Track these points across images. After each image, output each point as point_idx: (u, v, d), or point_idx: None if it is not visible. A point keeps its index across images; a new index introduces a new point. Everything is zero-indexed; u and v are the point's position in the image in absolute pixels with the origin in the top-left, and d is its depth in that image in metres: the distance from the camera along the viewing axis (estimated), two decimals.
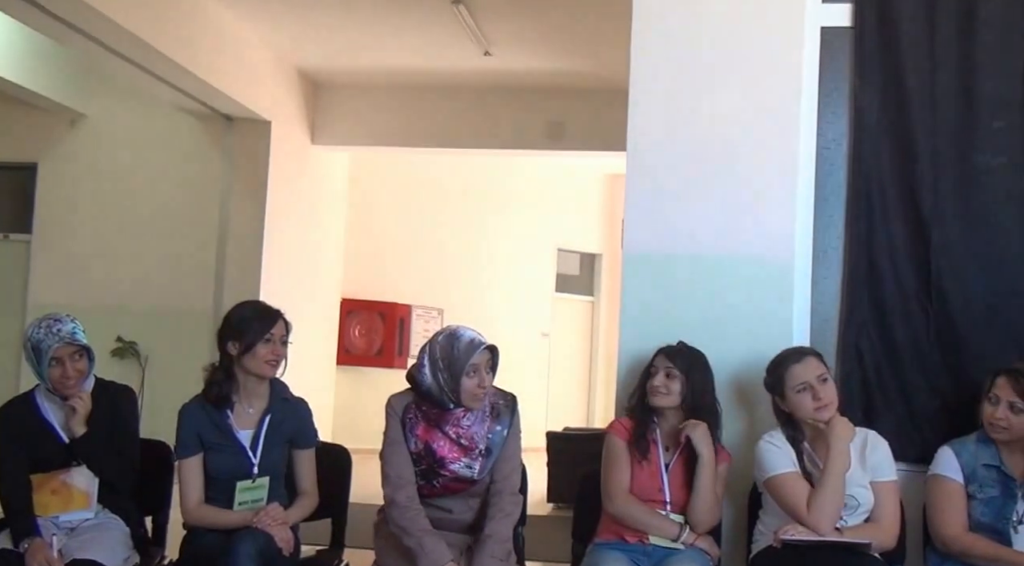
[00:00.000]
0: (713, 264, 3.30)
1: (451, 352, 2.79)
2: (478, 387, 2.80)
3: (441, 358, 2.79)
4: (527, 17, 6.47)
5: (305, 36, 7.15)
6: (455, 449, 2.82)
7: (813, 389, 2.85)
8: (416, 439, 2.83)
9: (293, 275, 7.91)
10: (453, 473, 2.82)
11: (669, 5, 3.39)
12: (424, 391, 2.82)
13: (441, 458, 2.81)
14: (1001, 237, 3.18)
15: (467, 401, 2.81)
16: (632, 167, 3.37)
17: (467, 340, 2.80)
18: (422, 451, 2.82)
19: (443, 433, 2.83)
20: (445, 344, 2.82)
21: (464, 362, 2.76)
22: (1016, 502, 2.81)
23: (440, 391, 2.79)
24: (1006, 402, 2.80)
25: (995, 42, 3.22)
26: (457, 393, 2.79)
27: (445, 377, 2.78)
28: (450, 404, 2.80)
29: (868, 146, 3.30)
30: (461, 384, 2.78)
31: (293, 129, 7.98)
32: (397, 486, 2.81)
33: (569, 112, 7.93)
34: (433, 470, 2.82)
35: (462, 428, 2.84)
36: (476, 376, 2.79)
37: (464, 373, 2.77)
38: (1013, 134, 3.20)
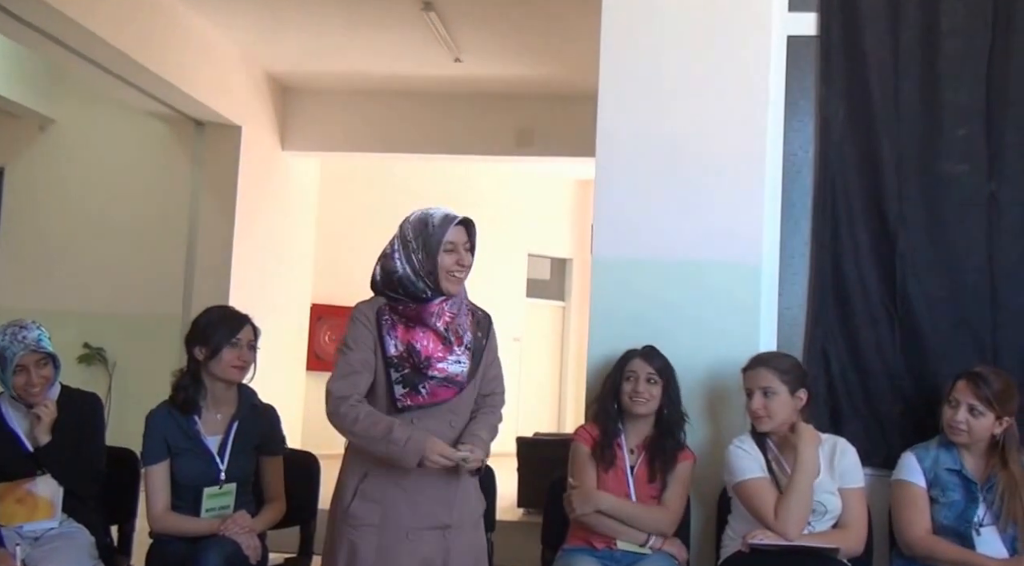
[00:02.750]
0: (681, 269, 3.32)
1: (425, 229, 2.50)
2: (457, 264, 2.50)
3: (414, 238, 2.50)
4: (497, 24, 6.49)
5: (276, 41, 7.12)
6: (440, 345, 2.50)
7: (752, 397, 2.91)
8: (396, 341, 2.48)
9: (263, 280, 7.86)
10: (442, 372, 2.49)
11: (637, 14, 3.42)
12: (397, 279, 2.49)
13: (427, 357, 2.47)
14: (964, 243, 3.22)
15: (445, 283, 2.49)
16: (601, 173, 3.39)
17: (441, 215, 2.52)
18: (403, 353, 2.47)
19: (427, 328, 2.50)
20: (417, 222, 2.52)
21: (440, 237, 2.48)
22: (978, 505, 2.85)
23: (416, 276, 2.47)
24: (966, 405, 2.84)
25: (957, 52, 3.27)
26: (434, 275, 2.47)
27: (420, 258, 2.48)
28: (427, 290, 2.48)
29: (834, 153, 3.33)
30: (438, 262, 2.47)
31: (263, 134, 7.95)
32: (346, 380, 2.45)
33: (539, 118, 7.95)
34: (419, 371, 2.47)
35: (447, 317, 2.53)
36: (455, 253, 2.50)
37: (441, 249, 2.47)
38: (976, 142, 3.24)
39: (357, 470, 2.49)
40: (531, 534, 3.56)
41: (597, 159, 3.40)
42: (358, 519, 2.45)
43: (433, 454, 2.36)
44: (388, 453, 2.37)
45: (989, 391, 2.82)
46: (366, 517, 2.44)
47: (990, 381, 2.83)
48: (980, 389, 2.83)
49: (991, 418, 2.83)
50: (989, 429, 2.85)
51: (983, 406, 2.82)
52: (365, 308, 2.55)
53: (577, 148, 6.63)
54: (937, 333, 3.19)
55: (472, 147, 8.26)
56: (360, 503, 2.46)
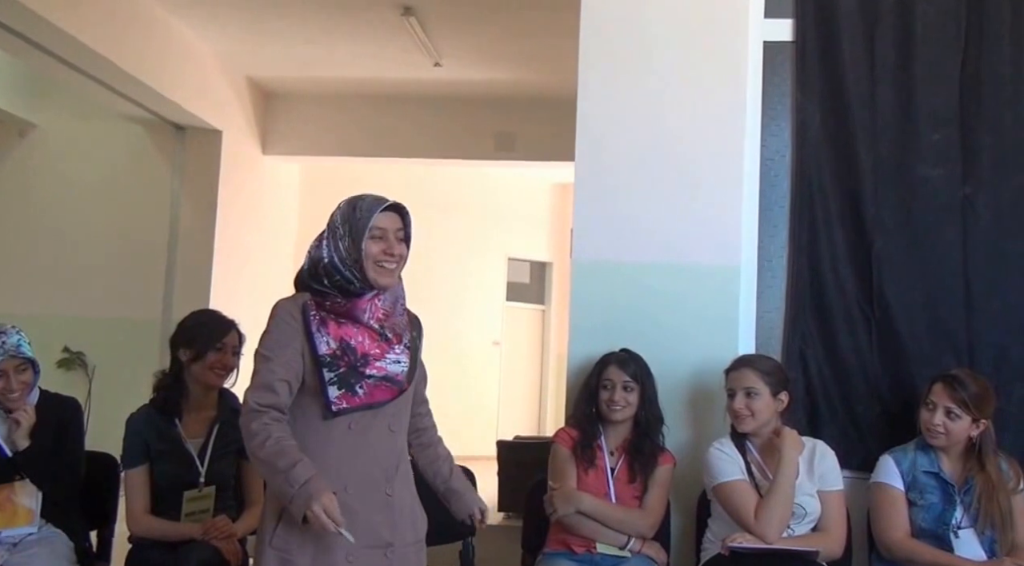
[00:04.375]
0: (661, 272, 3.34)
1: (352, 214, 2.27)
2: (384, 253, 2.25)
3: (342, 224, 2.28)
4: (477, 29, 6.50)
5: (256, 46, 7.10)
6: (377, 342, 2.26)
7: (734, 398, 2.93)
8: (327, 338, 2.23)
9: (243, 285, 7.82)
10: (381, 370, 2.25)
11: (616, 19, 3.44)
12: (323, 268, 2.26)
13: (364, 355, 2.24)
14: (940, 246, 3.25)
15: (372, 273, 2.24)
16: (581, 177, 3.41)
17: (371, 199, 2.30)
18: (337, 351, 2.22)
19: (361, 325, 2.26)
20: (346, 207, 2.31)
21: (366, 222, 2.25)
22: (955, 508, 2.87)
23: (343, 264, 2.24)
24: (943, 408, 2.87)
25: (932, 57, 3.30)
26: (360, 263, 2.23)
27: (346, 244, 2.25)
28: (355, 281, 2.25)
29: (811, 157, 3.36)
30: (364, 249, 2.23)
31: (244, 139, 7.92)
32: (266, 390, 2.17)
33: (518, 122, 7.97)
34: (355, 370, 2.22)
35: (381, 314, 2.30)
36: (383, 240, 2.26)
37: (367, 235, 2.24)
38: (951, 146, 3.28)
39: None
40: (511, 538, 3.57)
41: (576, 163, 3.41)
42: (289, 543, 2.17)
43: (319, 508, 2.02)
44: (281, 491, 2.08)
45: (966, 394, 2.84)
46: (298, 540, 2.16)
47: (966, 384, 2.86)
48: (956, 392, 2.85)
49: (968, 421, 2.86)
50: (966, 431, 2.87)
51: (960, 409, 2.85)
52: (287, 305, 2.29)
53: (557, 152, 6.66)
54: (913, 336, 3.22)
55: (452, 151, 8.26)
56: (288, 526, 2.16)
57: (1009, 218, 3.23)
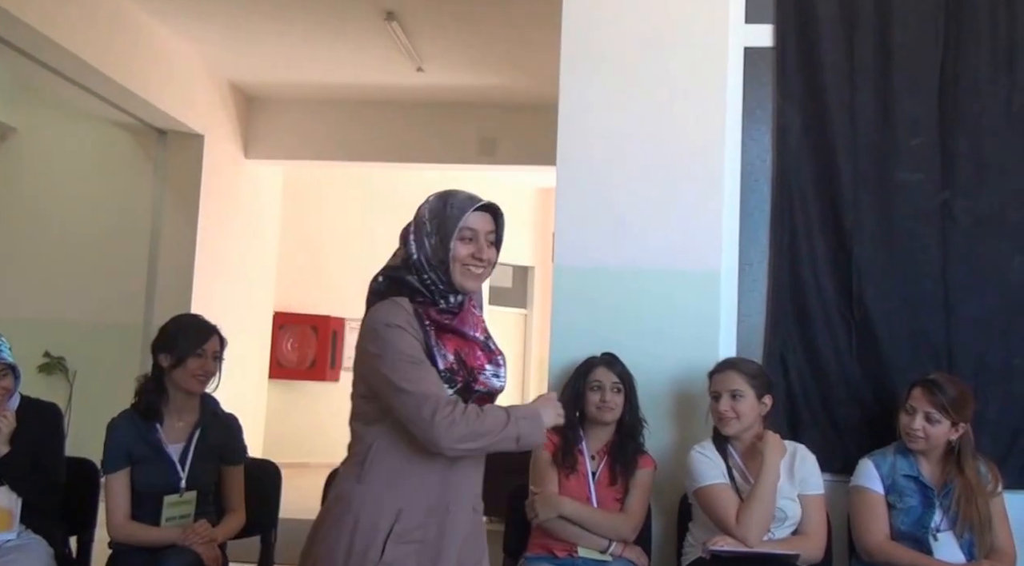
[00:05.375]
0: (642, 277, 3.35)
1: (442, 211, 2.11)
2: (473, 257, 2.09)
3: (430, 220, 2.11)
4: (459, 34, 6.51)
5: (238, 50, 7.09)
6: (482, 354, 2.13)
7: (719, 400, 2.94)
8: (445, 351, 2.06)
9: (225, 289, 7.80)
10: (485, 385, 2.11)
11: (597, 25, 3.45)
12: (414, 263, 2.09)
13: (472, 368, 2.09)
14: (919, 251, 3.27)
15: (459, 277, 2.08)
16: (562, 182, 3.41)
17: (464, 196, 2.14)
18: (454, 365, 2.06)
19: (468, 337, 2.12)
20: (436, 202, 2.14)
21: (457, 221, 2.08)
22: (934, 511, 2.89)
23: (428, 264, 2.08)
24: (922, 413, 2.88)
25: (910, 63, 3.33)
26: (446, 265, 2.07)
27: (433, 243, 2.09)
28: (439, 283, 2.08)
29: (791, 162, 3.37)
30: (452, 250, 2.06)
31: (226, 143, 7.89)
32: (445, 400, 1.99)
33: (500, 127, 7.98)
34: (468, 386, 2.07)
35: (483, 323, 2.18)
36: (473, 243, 2.10)
37: (455, 236, 2.07)
38: (930, 152, 3.30)
39: (388, 507, 2.03)
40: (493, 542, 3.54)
41: (558, 168, 3.42)
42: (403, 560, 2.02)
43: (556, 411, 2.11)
44: (519, 433, 2.02)
45: (945, 398, 2.86)
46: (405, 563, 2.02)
47: (945, 388, 2.88)
48: (936, 396, 2.87)
49: (947, 425, 2.88)
50: (945, 435, 2.89)
51: (939, 413, 2.86)
52: (399, 311, 2.05)
53: (538, 157, 6.67)
54: (893, 340, 3.24)
55: (434, 156, 8.27)
56: (396, 547, 2.01)
57: (987, 223, 3.25)
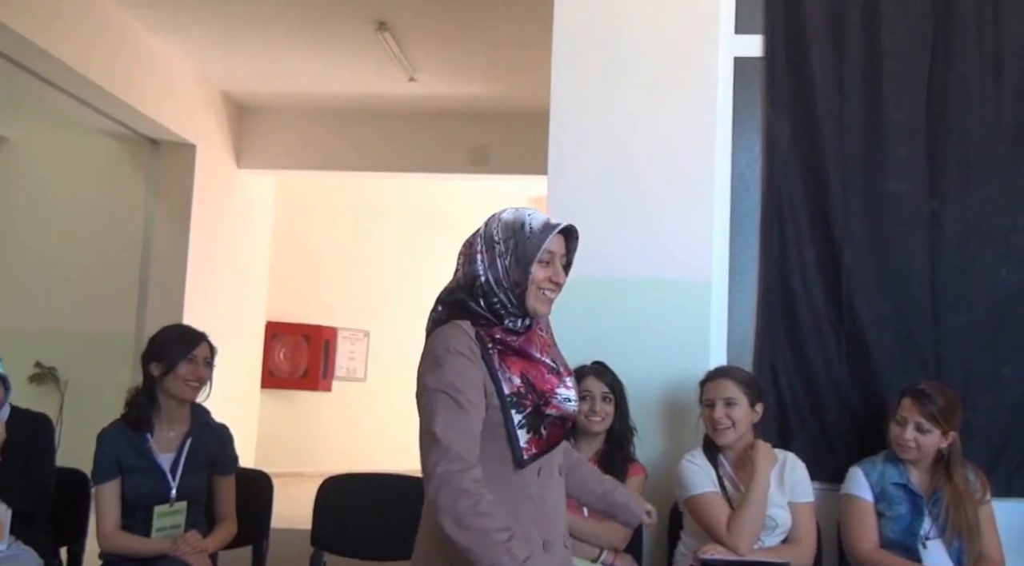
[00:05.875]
0: (633, 286, 3.36)
1: (520, 231, 2.02)
2: (550, 280, 2.03)
3: (503, 239, 2.02)
4: (451, 44, 6.53)
5: (230, 60, 7.10)
6: (551, 377, 2.04)
7: (713, 408, 2.94)
8: (511, 374, 1.97)
9: (217, 299, 7.79)
10: (558, 409, 2.02)
11: (589, 34, 3.46)
12: (480, 287, 2.00)
13: (543, 391, 2.00)
14: (907, 260, 3.29)
15: (533, 300, 2.01)
16: (553, 191, 3.42)
17: (542, 219, 2.05)
18: (521, 388, 1.97)
19: (534, 359, 2.03)
20: (512, 222, 2.05)
21: (539, 244, 1.99)
22: (923, 519, 2.90)
23: (498, 285, 1.99)
24: (913, 423, 2.89)
25: (899, 73, 3.35)
26: (523, 289, 1.99)
27: (508, 263, 2.00)
28: (509, 306, 2.00)
29: (781, 171, 3.39)
30: (531, 274, 1.99)
31: (218, 153, 7.89)
32: (464, 462, 1.85)
33: (492, 136, 7.99)
34: (538, 410, 1.98)
35: (549, 345, 2.10)
36: (551, 266, 2.03)
37: (537, 259, 1.99)
38: (917, 161, 3.32)
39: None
40: None
41: (549, 177, 3.43)
42: None
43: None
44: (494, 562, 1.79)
45: (935, 408, 2.87)
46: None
47: (935, 398, 2.89)
48: (926, 406, 2.88)
49: (938, 434, 2.89)
50: (936, 444, 2.91)
51: (930, 423, 2.88)
52: (460, 336, 1.97)
53: (531, 166, 6.67)
54: (882, 348, 3.25)
55: (427, 165, 8.28)
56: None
57: (975, 232, 3.27)
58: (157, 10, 6.16)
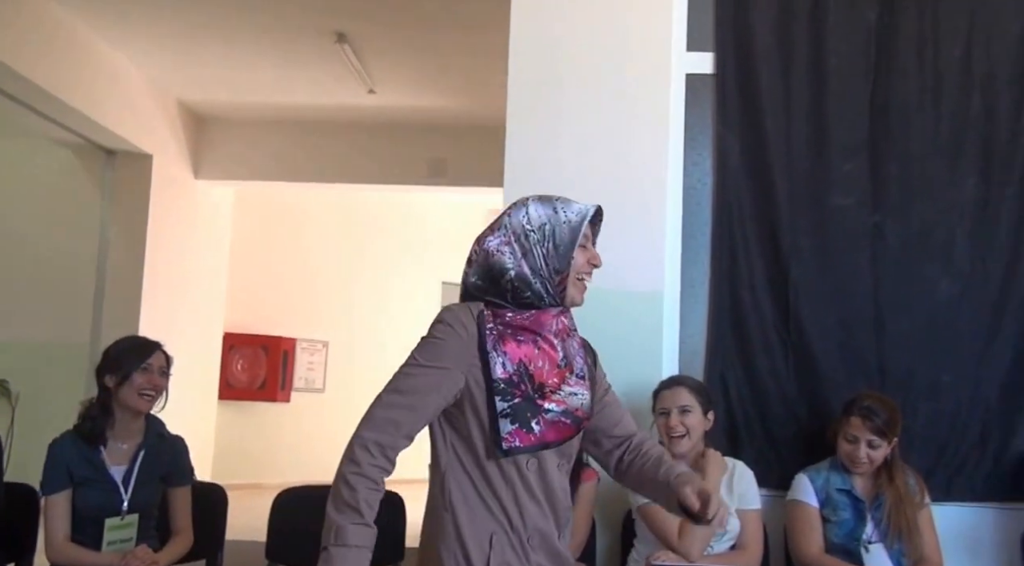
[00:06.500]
0: (587, 295, 3.39)
1: (554, 216, 1.94)
2: (589, 263, 1.97)
3: (537, 227, 1.93)
4: (410, 57, 6.56)
5: (187, 70, 7.07)
6: (556, 370, 1.94)
7: (669, 416, 2.99)
8: (505, 359, 1.89)
9: (174, 309, 7.73)
10: (560, 404, 1.92)
11: (544, 48, 3.51)
12: (508, 282, 1.91)
13: (541, 384, 1.91)
14: (851, 272, 3.36)
15: (572, 288, 1.95)
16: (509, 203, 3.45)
17: (573, 203, 1.98)
18: (513, 376, 1.89)
19: (542, 347, 1.93)
20: (542, 209, 1.96)
21: (578, 228, 1.92)
22: (866, 524, 2.97)
23: (534, 275, 1.91)
24: (864, 441, 2.96)
25: (843, 92, 3.44)
26: (564, 276, 1.91)
27: (545, 251, 1.91)
28: (545, 296, 1.92)
29: (731, 186, 3.45)
30: (572, 261, 1.91)
31: (175, 162, 7.84)
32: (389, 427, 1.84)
33: (451, 149, 8.03)
34: (532, 402, 1.89)
35: (565, 334, 1.98)
36: (587, 251, 1.98)
37: (576, 244, 1.92)
38: (861, 176, 3.40)
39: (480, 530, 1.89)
40: None
41: (505, 189, 3.45)
42: None
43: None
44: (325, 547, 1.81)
45: (881, 422, 2.94)
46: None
47: (879, 412, 2.95)
48: (874, 422, 2.94)
49: (886, 446, 2.97)
50: (885, 455, 2.99)
51: (879, 438, 2.95)
52: (459, 312, 1.92)
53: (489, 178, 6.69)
54: (827, 358, 3.32)
55: (385, 177, 8.29)
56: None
57: (915, 245, 3.36)
58: (112, 19, 6.12)
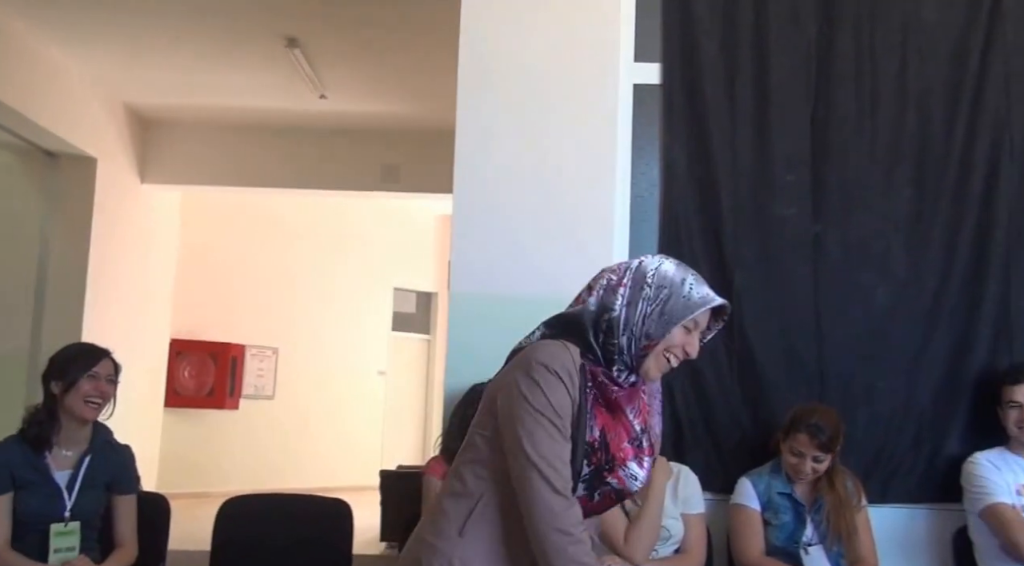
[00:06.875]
0: (536, 303, 3.35)
1: (680, 287, 1.83)
2: (683, 350, 1.85)
3: (658, 286, 1.83)
4: (362, 62, 6.56)
5: (134, 72, 6.98)
6: (629, 446, 1.86)
7: None
8: (594, 423, 1.80)
9: (119, 316, 7.62)
10: (622, 482, 1.84)
11: (495, 55, 3.53)
12: (607, 322, 1.82)
13: (613, 456, 1.83)
14: (794, 281, 3.42)
15: (652, 364, 1.84)
16: (458, 210, 3.47)
17: (703, 286, 1.86)
18: (596, 442, 1.80)
19: (624, 420, 1.86)
20: (673, 272, 1.85)
21: (696, 307, 1.82)
22: (806, 526, 3.05)
23: (625, 328, 1.81)
24: (810, 456, 3.02)
25: (785, 103, 3.50)
26: (651, 344, 1.82)
27: (648, 311, 1.81)
28: (623, 355, 1.82)
29: (677, 196, 3.49)
30: (669, 335, 1.82)
31: (121, 167, 7.74)
32: (564, 477, 1.74)
33: (403, 155, 8.04)
34: (600, 476, 1.81)
35: (645, 411, 1.91)
36: (691, 337, 1.85)
37: (683, 322, 1.82)
38: (802, 187, 3.46)
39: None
40: None
41: (455, 196, 3.48)
42: None
43: None
44: None
45: (826, 438, 3.00)
46: None
47: (825, 429, 3.01)
48: (820, 439, 3.00)
49: (829, 458, 3.04)
50: (827, 466, 3.06)
51: (824, 453, 3.02)
52: (566, 357, 1.80)
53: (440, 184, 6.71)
54: (770, 364, 3.38)
55: (337, 183, 8.28)
56: None
57: (855, 254, 3.43)
58: (55, 20, 6.04)
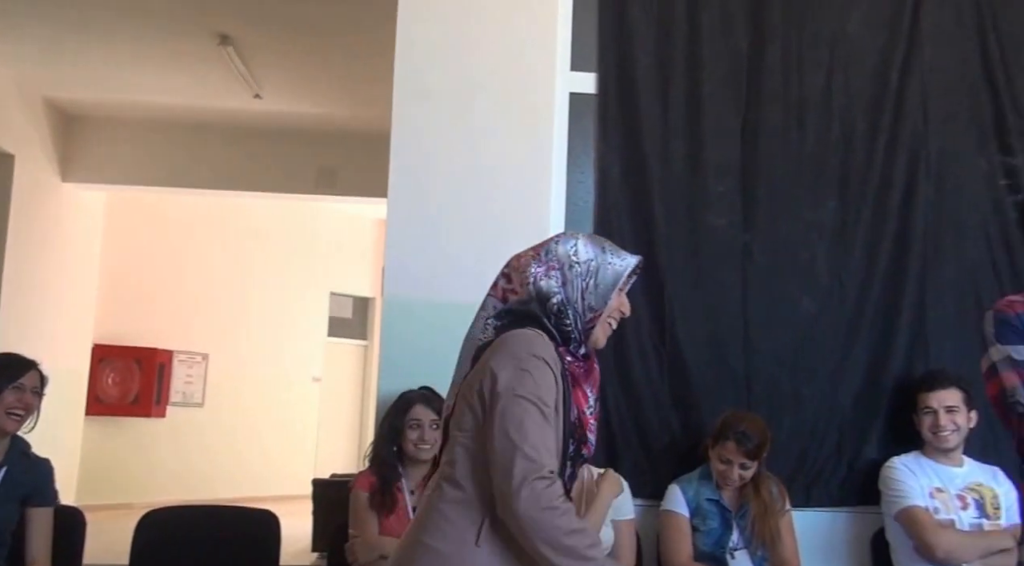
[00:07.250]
0: (471, 310, 3.35)
1: (602, 255, 1.91)
2: (619, 310, 1.94)
3: (584, 261, 1.88)
4: (298, 62, 6.49)
5: (55, 66, 6.79)
6: (588, 415, 1.89)
7: None
8: (572, 404, 1.84)
9: (36, 319, 7.40)
10: (588, 450, 1.88)
11: (430, 62, 3.52)
12: (555, 306, 1.85)
13: (584, 432, 1.87)
14: (723, 288, 3.48)
15: (599, 332, 1.91)
16: (393, 215, 3.46)
17: (617, 248, 1.96)
18: (576, 421, 1.84)
19: (582, 391, 1.88)
20: (591, 246, 1.91)
21: (621, 271, 1.90)
22: (732, 531, 3.09)
23: (570, 308, 1.86)
24: (738, 464, 3.07)
25: (716, 115, 3.56)
26: (595, 315, 1.87)
27: (586, 285, 1.87)
28: (574, 332, 1.87)
29: (612, 205, 3.52)
30: (609, 302, 1.88)
31: (40, 164, 7.52)
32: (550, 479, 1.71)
33: (340, 158, 7.97)
34: (578, 450, 1.85)
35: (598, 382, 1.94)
36: (623, 294, 1.94)
37: (616, 287, 1.90)
38: (732, 197, 3.53)
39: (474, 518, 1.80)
40: None
41: (389, 201, 3.47)
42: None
43: None
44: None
45: (753, 446, 3.05)
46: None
47: (752, 437, 3.06)
48: (747, 447, 3.05)
49: (756, 465, 3.10)
50: (753, 473, 3.11)
51: (752, 461, 3.07)
52: (545, 346, 1.82)
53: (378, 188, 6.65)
54: (699, 371, 3.43)
55: (272, 185, 8.18)
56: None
57: (781, 264, 3.50)
58: None
